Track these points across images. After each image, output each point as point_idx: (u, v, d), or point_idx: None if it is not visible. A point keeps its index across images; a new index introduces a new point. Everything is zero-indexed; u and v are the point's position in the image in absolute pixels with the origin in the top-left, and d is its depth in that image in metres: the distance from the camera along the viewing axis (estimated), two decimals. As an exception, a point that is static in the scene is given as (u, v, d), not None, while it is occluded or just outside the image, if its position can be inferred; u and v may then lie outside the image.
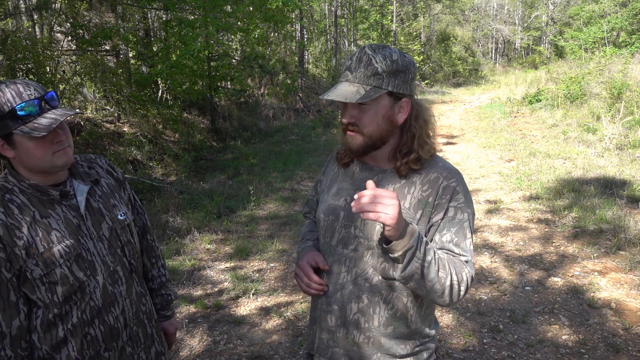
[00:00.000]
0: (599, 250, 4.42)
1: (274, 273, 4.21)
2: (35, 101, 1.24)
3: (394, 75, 1.21)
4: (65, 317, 1.30)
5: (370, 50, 1.22)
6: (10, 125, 1.22)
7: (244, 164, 8.44)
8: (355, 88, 1.21)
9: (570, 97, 12.11)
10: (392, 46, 1.26)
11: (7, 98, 1.22)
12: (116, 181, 1.52)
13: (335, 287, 1.33)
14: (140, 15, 10.20)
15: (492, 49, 38.94)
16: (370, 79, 1.20)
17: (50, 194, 1.31)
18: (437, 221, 1.24)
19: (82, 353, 1.33)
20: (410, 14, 28.46)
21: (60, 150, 1.29)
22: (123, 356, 1.41)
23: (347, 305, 1.31)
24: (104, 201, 1.43)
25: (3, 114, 1.22)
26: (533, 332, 3.22)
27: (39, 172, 1.30)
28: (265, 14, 9.55)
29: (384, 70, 1.20)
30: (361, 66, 1.21)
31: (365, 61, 1.21)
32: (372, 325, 1.30)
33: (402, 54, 1.24)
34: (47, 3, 6.60)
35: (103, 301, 1.35)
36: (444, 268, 1.17)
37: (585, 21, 21.24)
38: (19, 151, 1.26)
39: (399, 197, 1.26)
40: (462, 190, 1.26)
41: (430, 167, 1.28)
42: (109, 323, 1.36)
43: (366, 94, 1.19)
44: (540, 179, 6.79)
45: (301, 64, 16.45)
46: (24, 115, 1.22)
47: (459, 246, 1.23)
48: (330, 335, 1.35)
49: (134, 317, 1.44)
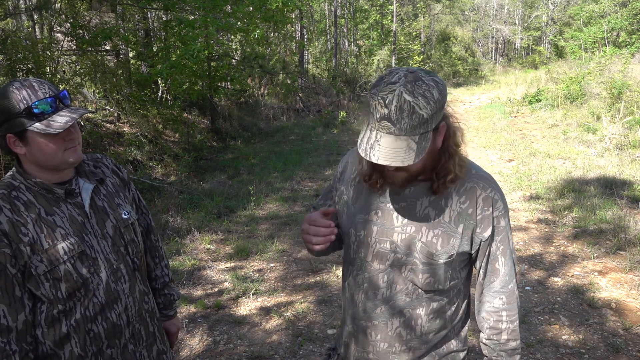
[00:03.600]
0: (599, 250, 4.42)
1: (274, 273, 4.21)
2: (50, 99, 1.27)
3: (437, 113, 1.11)
4: (69, 313, 1.31)
5: (409, 95, 1.05)
6: (25, 122, 1.25)
7: (244, 164, 8.44)
8: (405, 143, 1.08)
9: (570, 97, 12.11)
10: (422, 71, 1.11)
11: (23, 96, 1.24)
12: (121, 181, 1.54)
13: (375, 303, 1.31)
14: (140, 15, 10.20)
15: (492, 49, 38.94)
16: (417, 129, 1.08)
17: (56, 192, 1.33)
18: (487, 237, 1.25)
19: (84, 349, 1.34)
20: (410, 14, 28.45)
21: (71, 147, 1.32)
22: (125, 353, 1.42)
23: (387, 321, 1.30)
24: (109, 200, 1.44)
25: (18, 112, 1.24)
26: (533, 332, 3.22)
27: (49, 169, 1.32)
28: (265, 14, 9.55)
29: (429, 115, 1.08)
30: (404, 116, 1.06)
31: (407, 110, 1.06)
32: (413, 336, 1.30)
33: (437, 82, 1.09)
34: (47, 3, 6.60)
35: (106, 298, 1.36)
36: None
37: (585, 21, 21.24)
38: (31, 148, 1.28)
39: (436, 210, 1.23)
40: (500, 197, 1.26)
41: (464, 177, 1.25)
42: (112, 320, 1.37)
43: (418, 147, 1.09)
44: (540, 179, 6.79)
45: (301, 64, 16.44)
46: (39, 113, 1.25)
47: (505, 262, 1.28)
48: (371, 349, 1.35)
49: (136, 315, 1.45)
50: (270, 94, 14.27)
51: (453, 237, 1.23)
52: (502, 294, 1.28)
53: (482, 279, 1.31)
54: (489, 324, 1.30)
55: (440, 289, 1.27)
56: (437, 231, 1.23)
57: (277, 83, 14.33)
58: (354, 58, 20.90)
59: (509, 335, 1.29)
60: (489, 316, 1.30)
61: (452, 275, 1.27)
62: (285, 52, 16.63)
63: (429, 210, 1.24)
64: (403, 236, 1.25)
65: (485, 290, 1.30)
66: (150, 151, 7.99)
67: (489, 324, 1.30)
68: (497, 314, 1.29)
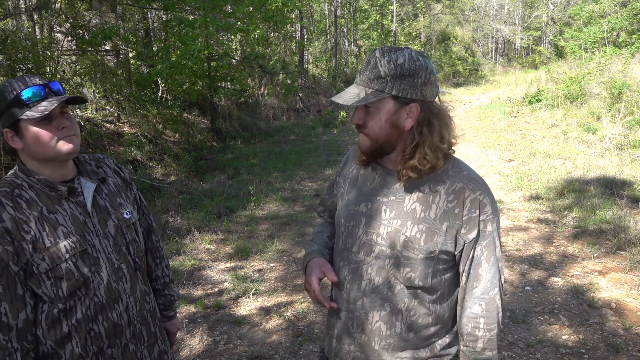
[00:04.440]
0: (599, 250, 4.42)
1: (274, 273, 4.21)
2: (38, 87, 1.28)
3: (399, 79, 1.18)
4: (70, 312, 1.31)
5: (379, 53, 1.19)
6: (17, 112, 1.27)
7: (244, 164, 8.44)
8: (358, 90, 1.21)
9: (570, 97, 12.10)
10: (409, 49, 1.22)
11: (13, 87, 1.28)
12: (123, 181, 1.55)
13: (357, 295, 1.32)
14: (140, 15, 10.20)
15: (492, 49, 38.95)
16: (373, 82, 1.19)
17: (59, 189, 1.33)
18: (472, 240, 1.24)
19: (85, 349, 1.34)
20: (410, 14, 28.47)
21: (66, 137, 1.31)
22: (126, 353, 1.42)
23: (369, 313, 1.30)
24: (111, 199, 1.45)
25: (9, 102, 1.27)
26: (533, 332, 3.22)
27: (46, 161, 1.32)
28: (265, 14, 9.55)
29: (386, 73, 1.18)
30: (368, 69, 1.20)
31: (372, 64, 1.20)
32: (394, 332, 1.30)
33: (413, 58, 1.19)
34: (47, 3, 6.59)
35: (107, 298, 1.36)
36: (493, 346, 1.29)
37: (585, 21, 21.23)
38: (26, 140, 1.29)
39: (423, 206, 1.25)
40: (489, 201, 1.25)
41: (455, 177, 1.26)
42: (113, 320, 1.37)
43: (365, 97, 1.19)
44: (540, 179, 6.79)
45: (301, 64, 16.45)
46: (27, 99, 1.26)
47: (488, 268, 1.26)
48: (352, 341, 1.35)
49: (137, 315, 1.45)
50: (270, 94, 14.28)
51: (437, 234, 1.23)
52: (482, 300, 1.26)
53: (464, 283, 1.29)
54: (466, 330, 1.28)
55: (421, 285, 1.26)
56: (422, 227, 1.24)
57: (277, 83, 14.34)
58: (354, 58, 20.91)
59: (484, 344, 1.27)
60: (467, 322, 1.28)
61: (434, 273, 1.26)
62: (285, 52, 16.63)
63: (416, 205, 1.25)
64: (389, 229, 1.26)
65: (467, 295, 1.29)
66: (150, 151, 7.99)
67: (467, 330, 1.28)
68: (475, 321, 1.26)
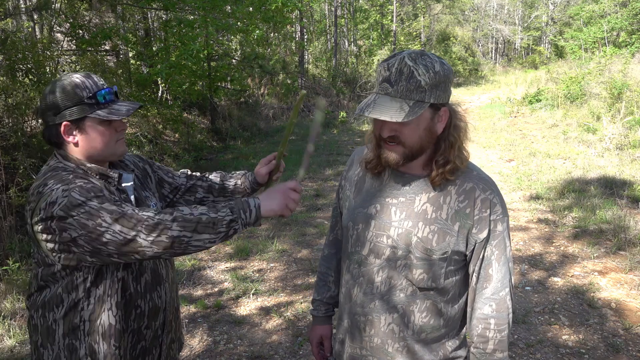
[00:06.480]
0: (599, 250, 4.42)
1: (274, 273, 4.21)
2: (109, 90, 1.35)
3: (436, 87, 1.15)
4: (125, 284, 1.36)
5: (411, 61, 1.14)
6: (87, 109, 1.30)
7: (244, 164, 8.44)
8: (398, 104, 1.14)
9: (570, 97, 12.10)
10: (430, 53, 1.19)
11: (87, 85, 1.31)
12: (143, 172, 1.60)
13: (370, 298, 1.31)
14: (140, 15, 10.20)
15: (492, 49, 38.94)
16: (413, 93, 1.14)
17: (110, 175, 1.37)
18: (483, 240, 1.24)
19: (127, 323, 1.37)
20: (410, 14, 28.47)
21: (121, 139, 1.38)
22: (154, 338, 1.46)
23: (381, 316, 1.30)
24: (139, 192, 1.50)
25: (81, 99, 1.29)
26: (533, 332, 3.22)
27: (96, 160, 1.37)
28: (265, 14, 9.54)
29: (427, 82, 1.13)
30: (402, 79, 1.13)
31: (406, 73, 1.13)
32: (406, 334, 1.29)
33: (442, 62, 1.17)
34: (47, 3, 6.59)
35: (152, 279, 1.42)
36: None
37: (585, 21, 21.23)
38: (87, 136, 1.33)
39: (434, 206, 1.24)
40: (499, 201, 1.25)
41: (465, 177, 1.26)
42: (155, 301, 1.43)
43: (411, 110, 1.13)
44: (541, 179, 6.79)
45: (301, 64, 16.44)
46: (103, 101, 1.32)
47: (498, 268, 1.26)
48: (364, 345, 1.34)
49: (170, 301, 1.50)
50: (270, 94, 14.27)
51: (449, 234, 1.23)
52: (493, 301, 1.25)
53: (474, 284, 1.29)
54: (477, 331, 1.28)
55: (434, 287, 1.26)
56: (434, 227, 1.23)
57: (277, 83, 14.34)
58: (354, 58, 20.90)
59: (495, 345, 1.26)
60: (478, 323, 1.27)
61: (447, 274, 1.26)
62: (285, 52, 16.62)
63: (426, 206, 1.25)
64: (400, 231, 1.25)
65: (477, 296, 1.28)
66: (150, 151, 7.99)
67: (477, 332, 1.28)
68: (486, 322, 1.26)
